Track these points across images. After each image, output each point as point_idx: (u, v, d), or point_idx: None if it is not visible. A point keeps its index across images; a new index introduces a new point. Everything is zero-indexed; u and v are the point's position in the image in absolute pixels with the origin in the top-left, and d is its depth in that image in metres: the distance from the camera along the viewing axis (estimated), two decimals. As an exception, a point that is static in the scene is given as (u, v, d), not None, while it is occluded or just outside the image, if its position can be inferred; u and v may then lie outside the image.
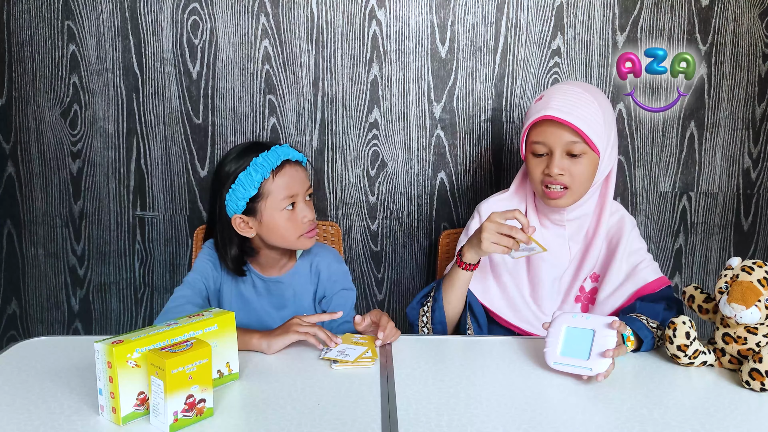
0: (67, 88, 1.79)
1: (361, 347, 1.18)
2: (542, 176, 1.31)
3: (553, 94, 1.31)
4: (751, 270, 1.08)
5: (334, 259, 1.47)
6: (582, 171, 1.30)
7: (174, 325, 0.98)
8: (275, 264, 1.41)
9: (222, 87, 1.79)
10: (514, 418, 0.95)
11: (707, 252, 1.92)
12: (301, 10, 1.76)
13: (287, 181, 1.32)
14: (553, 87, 1.36)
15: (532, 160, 1.33)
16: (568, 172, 1.29)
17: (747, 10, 1.79)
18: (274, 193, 1.31)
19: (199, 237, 1.64)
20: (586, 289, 1.39)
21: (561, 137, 1.28)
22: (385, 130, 1.82)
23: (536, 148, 1.31)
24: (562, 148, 1.29)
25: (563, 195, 1.31)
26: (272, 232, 1.34)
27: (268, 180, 1.31)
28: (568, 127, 1.27)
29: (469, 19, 1.77)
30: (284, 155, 1.33)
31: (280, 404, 0.98)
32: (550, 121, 1.28)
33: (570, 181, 1.30)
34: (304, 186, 1.35)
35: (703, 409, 0.99)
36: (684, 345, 1.11)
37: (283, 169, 1.32)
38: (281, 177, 1.31)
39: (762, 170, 1.89)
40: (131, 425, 0.91)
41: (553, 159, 1.29)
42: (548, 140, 1.29)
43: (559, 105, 1.28)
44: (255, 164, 1.30)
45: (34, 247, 1.88)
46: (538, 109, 1.31)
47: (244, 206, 1.32)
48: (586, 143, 1.28)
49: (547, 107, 1.29)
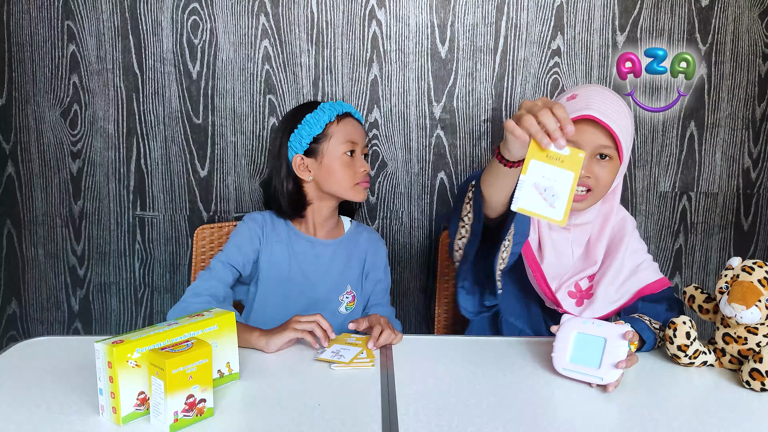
0: (67, 88, 1.79)
1: (356, 348, 1.19)
2: None
3: (592, 96, 1.29)
4: (752, 270, 1.08)
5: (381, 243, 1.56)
6: (606, 175, 1.29)
7: (174, 325, 0.98)
8: (324, 223, 1.49)
9: (222, 87, 1.79)
10: (514, 417, 0.95)
11: (707, 252, 1.92)
12: (301, 10, 1.76)
13: (350, 129, 1.45)
14: (586, 87, 1.34)
15: None
16: (594, 175, 1.28)
17: (747, 10, 1.79)
18: (337, 136, 1.44)
19: (199, 237, 1.64)
20: (582, 287, 1.38)
21: (595, 138, 1.27)
22: (385, 130, 1.82)
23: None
24: (592, 149, 1.27)
25: (585, 198, 1.30)
26: (330, 175, 1.43)
27: (332, 123, 1.44)
28: (606, 131, 1.25)
29: (469, 19, 1.77)
30: (349, 108, 1.48)
31: (280, 404, 0.98)
32: (587, 122, 1.26)
33: (594, 184, 1.29)
34: (363, 139, 1.48)
35: (703, 409, 0.99)
36: (684, 345, 1.11)
37: (346, 118, 1.46)
38: (345, 124, 1.45)
39: (762, 170, 1.89)
40: (131, 425, 0.91)
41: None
42: (582, 140, 1.27)
43: (601, 107, 1.26)
44: (322, 107, 1.45)
45: (34, 247, 1.88)
46: (577, 108, 1.27)
47: (307, 146, 1.44)
48: (617, 149, 1.27)
49: (589, 107, 1.26)
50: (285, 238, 1.47)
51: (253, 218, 1.48)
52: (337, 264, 1.49)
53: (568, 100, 1.31)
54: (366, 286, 1.52)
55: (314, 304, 1.45)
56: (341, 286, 1.48)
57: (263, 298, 1.45)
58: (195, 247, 1.65)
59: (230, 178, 1.84)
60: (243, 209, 1.85)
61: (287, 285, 1.45)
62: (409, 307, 1.92)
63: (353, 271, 1.50)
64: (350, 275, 1.50)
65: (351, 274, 1.50)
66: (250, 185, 1.84)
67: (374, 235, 1.58)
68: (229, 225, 1.67)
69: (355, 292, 1.50)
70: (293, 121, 1.45)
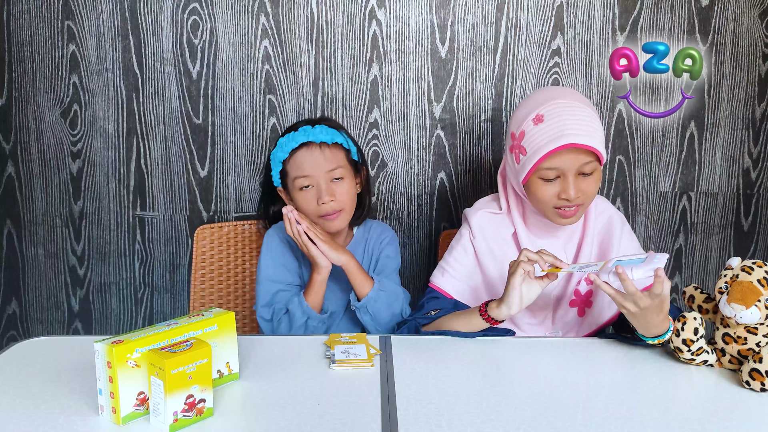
0: (67, 88, 1.79)
1: (360, 344, 1.19)
2: (555, 200, 1.26)
3: (562, 117, 1.22)
4: (751, 270, 1.08)
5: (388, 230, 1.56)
6: (592, 186, 1.28)
7: (174, 325, 0.98)
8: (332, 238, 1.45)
9: (222, 87, 1.79)
10: (514, 417, 0.95)
11: (707, 252, 1.92)
12: (301, 10, 1.76)
13: (300, 163, 1.41)
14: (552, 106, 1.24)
15: (541, 185, 1.27)
16: (582, 191, 1.26)
17: (747, 10, 1.79)
18: (290, 172, 1.43)
19: (199, 237, 1.64)
20: (581, 292, 1.36)
21: (577, 161, 1.23)
22: (385, 130, 1.82)
23: (547, 174, 1.25)
24: (576, 170, 1.25)
25: (576, 212, 1.29)
26: (299, 208, 1.43)
27: (287, 159, 1.42)
28: (586, 150, 1.23)
29: (469, 19, 1.77)
30: (304, 138, 1.41)
31: (280, 404, 0.98)
32: (564, 149, 1.22)
33: (584, 200, 1.28)
34: (320, 168, 1.41)
35: (703, 409, 0.99)
36: (690, 340, 1.10)
37: (299, 151, 1.42)
38: (295, 158, 1.42)
39: (762, 170, 1.89)
40: (131, 425, 0.91)
41: (568, 182, 1.24)
42: (563, 165, 1.24)
43: (577, 129, 1.21)
44: (279, 144, 1.44)
45: (34, 247, 1.88)
46: (551, 137, 1.22)
47: (278, 182, 1.46)
48: (598, 161, 1.27)
49: (564, 133, 1.21)
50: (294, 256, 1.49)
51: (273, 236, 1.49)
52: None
53: (536, 123, 1.24)
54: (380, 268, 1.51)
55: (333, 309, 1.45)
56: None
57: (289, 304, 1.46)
58: (195, 247, 1.65)
59: (230, 178, 1.84)
60: (243, 209, 1.85)
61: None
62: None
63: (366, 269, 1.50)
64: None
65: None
66: (250, 185, 1.84)
67: (379, 225, 1.57)
68: (229, 225, 1.67)
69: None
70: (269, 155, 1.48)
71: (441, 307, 1.33)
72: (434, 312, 1.32)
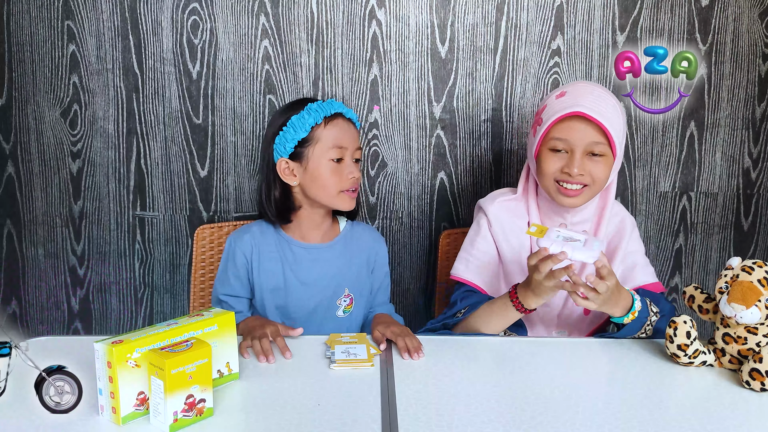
0: (67, 88, 1.79)
1: (361, 344, 1.19)
2: (558, 173, 1.29)
3: (581, 92, 1.29)
4: (751, 270, 1.08)
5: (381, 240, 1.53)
6: (600, 171, 1.29)
7: (174, 325, 0.98)
8: (316, 228, 1.42)
9: (222, 87, 1.79)
10: (514, 418, 0.95)
11: (707, 252, 1.92)
12: (301, 10, 1.76)
13: (338, 132, 1.36)
14: (574, 84, 1.34)
15: (548, 156, 1.30)
16: (588, 173, 1.28)
17: (747, 10, 1.79)
18: (323, 140, 1.35)
19: (199, 237, 1.64)
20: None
21: (586, 136, 1.26)
22: (385, 130, 1.82)
23: (556, 144, 1.29)
24: (584, 148, 1.27)
25: (580, 193, 1.29)
26: (315, 181, 1.36)
27: (319, 126, 1.35)
28: (597, 127, 1.25)
29: (469, 19, 1.77)
30: (339, 108, 1.38)
31: (280, 404, 0.98)
32: (576, 119, 1.26)
33: (590, 181, 1.29)
34: (354, 143, 1.38)
35: (703, 409, 0.99)
36: (684, 344, 1.11)
37: (335, 120, 1.37)
38: (333, 126, 1.36)
39: (762, 170, 1.89)
40: (131, 425, 0.91)
41: (574, 158, 1.27)
42: (572, 138, 1.27)
43: (590, 104, 1.25)
44: (309, 109, 1.36)
45: (34, 247, 1.88)
46: (565, 105, 1.27)
47: (292, 149, 1.36)
48: (609, 145, 1.27)
49: (578, 104, 1.26)
50: (276, 247, 1.43)
51: (238, 239, 1.43)
52: (334, 267, 1.44)
53: (557, 98, 1.31)
54: (373, 284, 1.50)
55: (312, 310, 1.43)
56: (339, 290, 1.45)
57: (261, 310, 1.44)
58: (195, 247, 1.65)
59: (230, 178, 1.84)
60: (243, 209, 1.85)
61: (283, 294, 1.42)
62: (409, 307, 1.92)
63: (351, 273, 1.46)
64: (348, 277, 1.46)
65: (349, 276, 1.46)
66: (250, 185, 1.84)
67: (374, 232, 1.55)
68: (229, 225, 1.67)
69: (354, 294, 1.46)
70: (279, 122, 1.38)
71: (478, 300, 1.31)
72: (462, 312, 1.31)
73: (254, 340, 1.17)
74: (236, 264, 1.42)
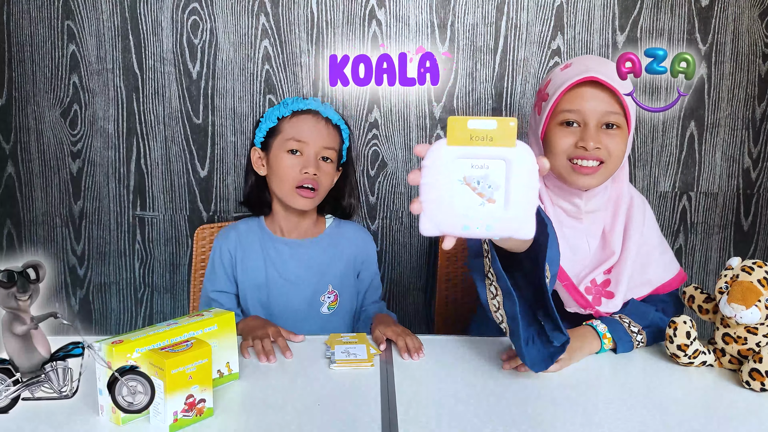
0: (67, 88, 1.79)
1: (361, 344, 1.19)
2: (572, 149, 1.17)
3: (589, 60, 1.18)
4: (751, 270, 1.08)
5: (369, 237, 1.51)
6: (617, 146, 1.17)
7: (174, 325, 0.98)
8: (298, 223, 1.43)
9: (222, 87, 1.79)
10: (514, 418, 0.95)
11: (707, 252, 1.92)
12: (301, 10, 1.76)
13: (302, 125, 1.36)
14: (583, 57, 1.24)
15: (559, 132, 1.18)
16: (604, 146, 1.16)
17: (747, 10, 1.79)
18: (284, 132, 1.37)
19: (199, 237, 1.64)
20: (597, 281, 1.25)
21: (600, 105, 1.15)
22: (385, 130, 1.82)
23: (567, 117, 1.17)
24: (598, 119, 1.16)
25: (597, 171, 1.17)
26: (274, 173, 1.38)
27: (286, 118, 1.37)
28: (611, 94, 1.15)
29: (469, 19, 1.77)
30: (314, 106, 1.39)
31: (280, 404, 0.98)
32: (589, 86, 1.15)
33: (606, 156, 1.16)
34: (320, 140, 1.37)
35: (703, 409, 0.99)
36: (684, 345, 1.11)
37: (304, 115, 1.37)
38: (298, 120, 1.37)
39: (762, 170, 1.89)
40: (131, 425, 0.91)
41: (589, 129, 1.15)
42: (585, 108, 1.15)
43: (603, 70, 1.14)
44: (284, 102, 1.39)
45: (34, 247, 1.88)
46: (575, 73, 1.15)
47: (262, 139, 1.39)
48: (624, 116, 1.17)
49: (589, 69, 1.14)
50: (260, 244, 1.43)
51: (224, 236, 1.44)
52: (318, 263, 1.44)
53: (563, 69, 1.20)
54: (361, 282, 1.48)
55: (296, 306, 1.42)
56: (322, 286, 1.44)
57: (244, 306, 1.44)
58: (195, 247, 1.65)
59: (230, 178, 1.84)
60: (243, 209, 1.85)
61: (266, 290, 1.42)
62: (409, 307, 1.92)
63: (336, 270, 1.45)
64: (332, 274, 1.44)
65: (333, 272, 1.45)
66: (250, 185, 1.84)
67: (362, 231, 1.52)
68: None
69: (338, 291, 1.45)
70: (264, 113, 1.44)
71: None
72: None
73: (255, 339, 1.18)
74: (222, 260, 1.43)
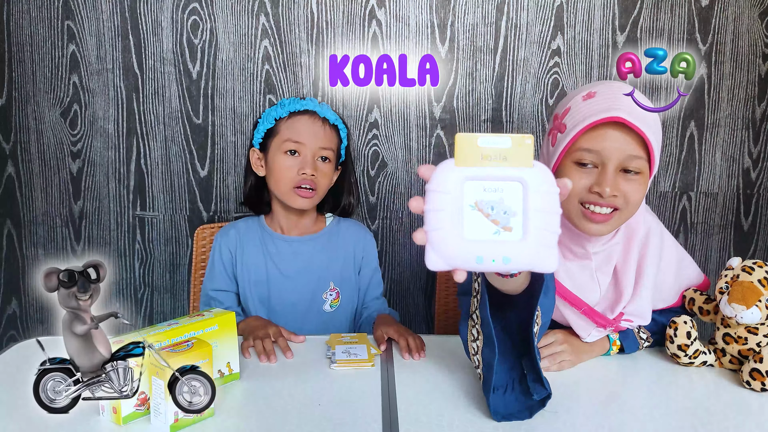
0: (67, 88, 1.79)
1: (361, 344, 1.19)
2: (585, 193, 1.04)
3: (616, 94, 1.04)
4: (752, 270, 1.08)
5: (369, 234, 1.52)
6: (636, 192, 1.04)
7: (174, 325, 0.98)
8: (298, 220, 1.45)
9: (222, 87, 1.79)
10: (514, 418, 0.95)
11: (707, 252, 1.92)
12: (301, 10, 1.76)
13: (299, 126, 1.38)
14: (605, 84, 1.08)
15: (573, 171, 1.04)
16: (622, 193, 1.03)
17: (747, 10, 1.79)
18: (281, 133, 1.38)
19: (199, 237, 1.64)
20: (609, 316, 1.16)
21: (624, 147, 1.02)
22: (385, 130, 1.82)
23: (583, 157, 1.03)
24: (618, 163, 1.02)
25: (610, 219, 1.04)
26: (272, 174, 1.39)
27: (283, 119, 1.38)
28: (636, 137, 1.01)
29: (469, 19, 1.77)
30: (311, 106, 1.39)
31: (280, 404, 0.98)
32: (612, 126, 1.02)
33: (623, 204, 1.04)
34: (316, 140, 1.38)
35: (703, 409, 0.99)
36: (684, 345, 1.11)
37: (301, 116, 1.38)
38: (295, 121, 1.38)
39: (762, 170, 1.89)
40: (131, 425, 0.91)
41: (606, 174, 1.02)
42: (606, 149, 1.02)
43: (631, 109, 1.01)
44: (282, 102, 1.41)
45: (34, 247, 1.88)
46: (599, 109, 1.02)
47: (260, 139, 1.40)
48: (648, 160, 1.04)
49: (615, 107, 1.01)
50: (260, 240, 1.44)
51: (224, 234, 1.45)
52: (318, 260, 1.44)
53: (585, 99, 1.05)
54: (362, 278, 1.49)
55: (296, 303, 1.43)
56: (323, 284, 1.44)
57: (245, 303, 1.44)
58: (195, 247, 1.65)
59: (230, 178, 1.84)
60: (243, 209, 1.85)
61: (266, 287, 1.43)
62: (409, 307, 1.92)
63: (337, 267, 1.45)
64: (333, 271, 1.45)
65: (334, 270, 1.45)
66: (250, 185, 1.84)
67: (362, 228, 1.53)
68: (229, 225, 1.66)
69: (340, 289, 1.46)
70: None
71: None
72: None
73: (256, 340, 1.18)
74: (222, 259, 1.44)
